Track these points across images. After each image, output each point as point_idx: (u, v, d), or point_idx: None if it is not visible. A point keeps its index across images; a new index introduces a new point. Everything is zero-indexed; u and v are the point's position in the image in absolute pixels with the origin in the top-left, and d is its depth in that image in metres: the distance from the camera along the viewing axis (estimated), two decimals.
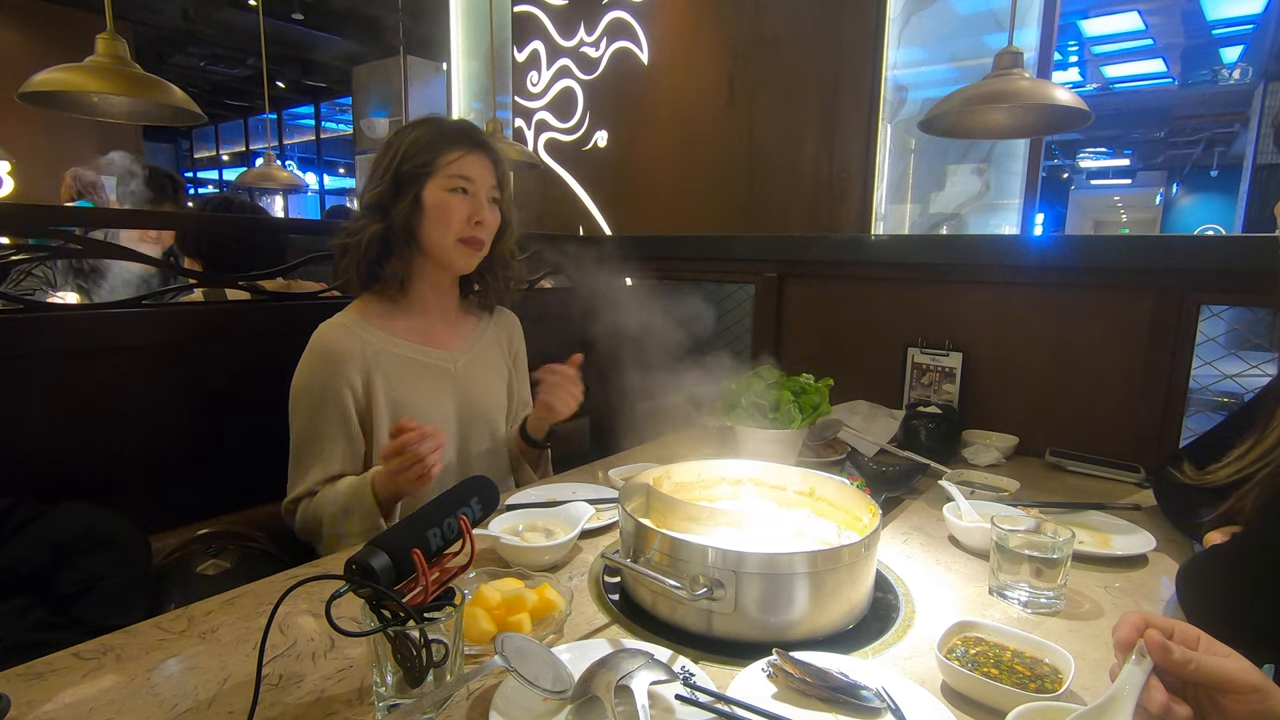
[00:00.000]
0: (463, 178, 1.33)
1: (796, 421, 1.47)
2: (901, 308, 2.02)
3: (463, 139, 1.34)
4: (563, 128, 3.29)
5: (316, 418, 1.29)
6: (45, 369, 1.29)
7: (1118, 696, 0.63)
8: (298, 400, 1.31)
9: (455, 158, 1.32)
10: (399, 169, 1.32)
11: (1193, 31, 7.41)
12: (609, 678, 0.69)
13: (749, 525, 1.01)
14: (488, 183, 1.36)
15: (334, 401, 1.29)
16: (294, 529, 1.32)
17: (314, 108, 10.54)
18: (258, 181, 4.16)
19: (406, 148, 1.32)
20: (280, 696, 0.74)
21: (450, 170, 1.32)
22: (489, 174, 1.37)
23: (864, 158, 2.48)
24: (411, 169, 1.31)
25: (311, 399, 1.29)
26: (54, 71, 1.58)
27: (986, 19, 2.64)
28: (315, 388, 1.29)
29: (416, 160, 1.31)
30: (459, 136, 1.34)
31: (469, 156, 1.34)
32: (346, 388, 1.30)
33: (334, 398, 1.29)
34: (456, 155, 1.32)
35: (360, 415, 1.32)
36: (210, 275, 1.95)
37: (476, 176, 1.34)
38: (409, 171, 1.31)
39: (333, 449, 1.30)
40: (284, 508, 1.32)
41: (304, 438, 1.30)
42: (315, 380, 1.29)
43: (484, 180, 1.36)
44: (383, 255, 1.34)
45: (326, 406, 1.29)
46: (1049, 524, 1.02)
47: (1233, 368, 1.68)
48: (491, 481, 0.86)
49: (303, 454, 1.30)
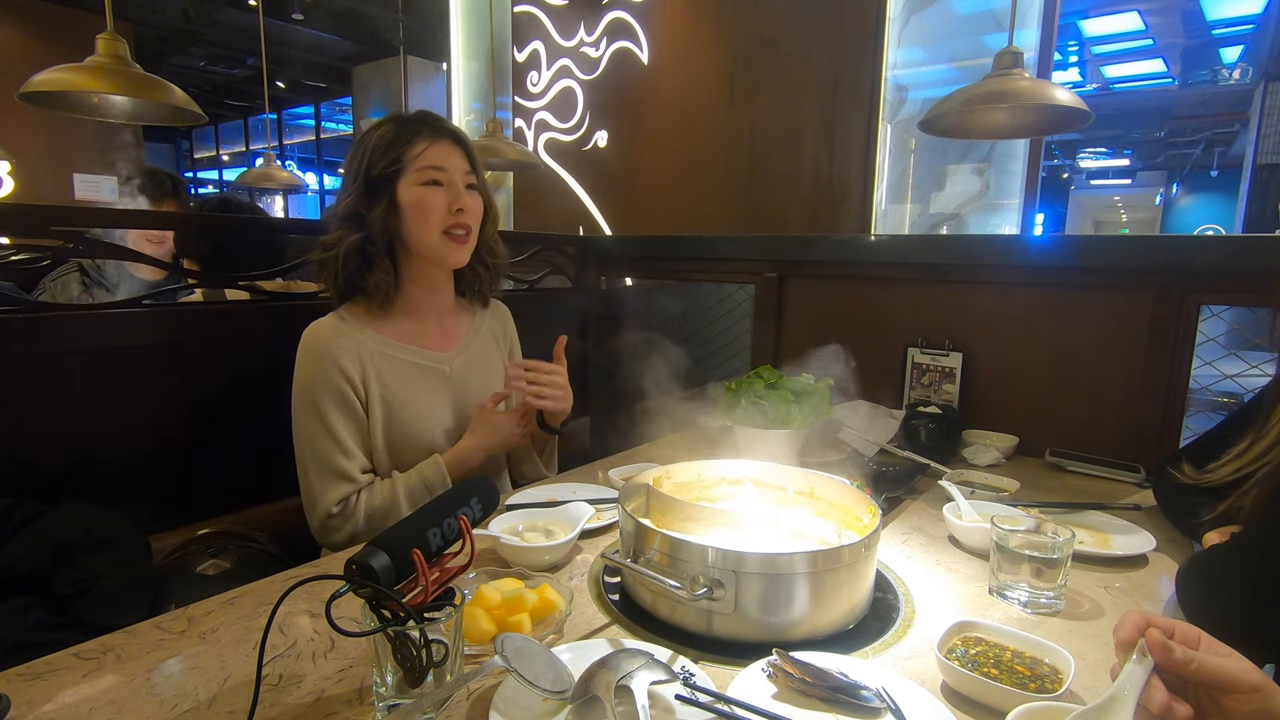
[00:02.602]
0: (434, 168, 1.29)
1: (796, 421, 1.47)
2: (901, 308, 2.02)
3: (425, 129, 1.31)
4: (563, 128, 3.30)
5: (326, 413, 1.26)
6: (45, 369, 1.29)
7: (1119, 696, 0.63)
8: (301, 402, 1.28)
9: (421, 149, 1.29)
10: (368, 174, 1.29)
11: (1193, 31, 7.41)
12: (609, 678, 0.69)
13: (749, 525, 1.01)
14: (460, 169, 1.33)
15: (336, 394, 1.26)
16: (335, 542, 1.26)
17: (314, 108, 10.54)
18: (258, 181, 4.16)
19: (371, 150, 1.29)
20: (280, 696, 0.74)
21: (419, 163, 1.29)
22: (460, 160, 1.33)
23: (864, 158, 2.48)
24: (380, 171, 1.28)
25: (315, 396, 1.26)
26: (54, 71, 1.58)
27: (986, 19, 2.65)
28: (315, 384, 1.26)
29: (384, 161, 1.28)
30: (421, 127, 1.30)
31: (435, 146, 1.30)
32: (344, 380, 1.27)
33: (335, 390, 1.26)
34: (422, 146, 1.29)
35: (363, 405, 1.30)
36: (210, 275, 1.95)
37: (447, 165, 1.31)
38: (378, 174, 1.28)
39: (349, 442, 1.27)
40: (321, 523, 1.25)
41: (318, 437, 1.26)
42: (314, 377, 1.27)
43: (456, 167, 1.32)
44: (362, 266, 1.31)
45: (329, 399, 1.26)
46: (1049, 524, 1.02)
47: (1233, 368, 1.68)
48: (491, 482, 0.87)
49: (321, 454, 1.26)
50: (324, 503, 1.25)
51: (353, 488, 1.27)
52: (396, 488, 1.29)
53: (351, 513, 1.26)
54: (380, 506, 1.27)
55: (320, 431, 1.26)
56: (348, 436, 1.28)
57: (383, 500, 1.28)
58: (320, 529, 1.27)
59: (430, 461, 1.33)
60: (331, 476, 1.26)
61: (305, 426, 1.27)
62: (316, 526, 1.28)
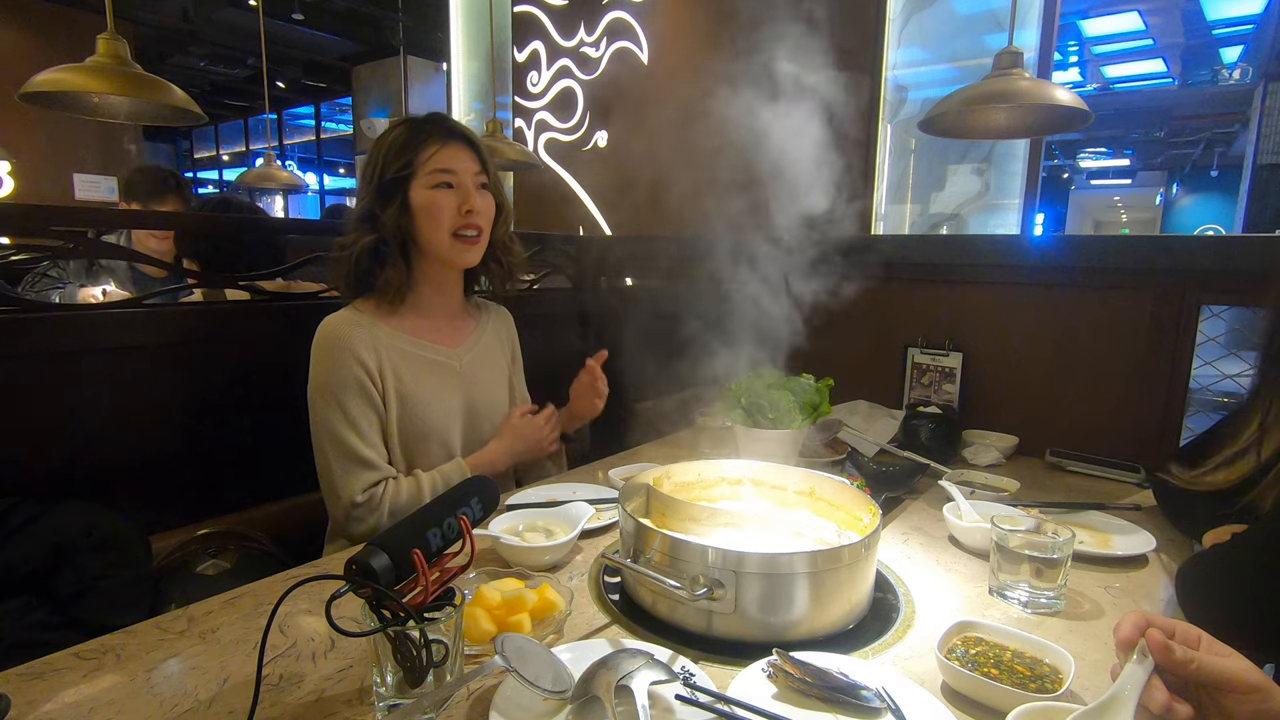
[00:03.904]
0: (444, 171, 1.32)
1: (796, 421, 1.47)
2: (901, 308, 2.02)
3: (436, 132, 1.33)
4: (563, 128, 3.29)
5: (346, 403, 1.26)
6: (45, 369, 1.29)
7: (1119, 695, 0.63)
8: (320, 394, 1.27)
9: (432, 152, 1.31)
10: (381, 177, 1.31)
11: (1193, 31, 7.41)
12: (609, 678, 0.69)
13: (749, 525, 1.01)
14: (471, 170, 1.35)
15: (355, 384, 1.27)
16: (358, 533, 1.26)
17: (314, 108, 10.54)
18: (258, 181, 4.16)
19: (385, 154, 1.32)
20: (280, 696, 0.74)
21: (430, 166, 1.31)
22: (470, 161, 1.35)
23: (864, 158, 2.48)
24: (393, 174, 1.31)
25: (334, 387, 1.26)
26: (55, 72, 1.58)
27: (986, 19, 2.65)
28: (334, 376, 1.27)
29: (396, 164, 1.30)
30: (432, 130, 1.33)
31: (446, 148, 1.32)
32: (362, 370, 1.28)
33: (354, 380, 1.27)
34: (433, 150, 1.31)
35: (380, 396, 1.30)
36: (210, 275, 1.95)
37: (458, 167, 1.33)
38: (391, 177, 1.31)
39: (370, 431, 1.28)
40: (345, 513, 1.25)
41: (339, 427, 1.26)
42: (333, 368, 1.27)
43: (466, 169, 1.34)
44: (374, 265, 1.33)
45: (349, 389, 1.27)
46: (1049, 524, 1.02)
47: (1233, 368, 1.68)
48: (491, 481, 0.86)
49: (344, 443, 1.26)
50: (348, 492, 1.25)
51: (377, 475, 1.27)
52: (421, 486, 1.30)
53: (377, 505, 1.26)
54: (406, 504, 1.27)
55: (341, 421, 1.26)
56: (369, 425, 1.28)
57: (408, 497, 1.28)
58: (345, 519, 1.27)
59: (454, 464, 1.36)
60: (355, 465, 1.26)
61: (325, 418, 1.27)
62: (340, 517, 1.28)
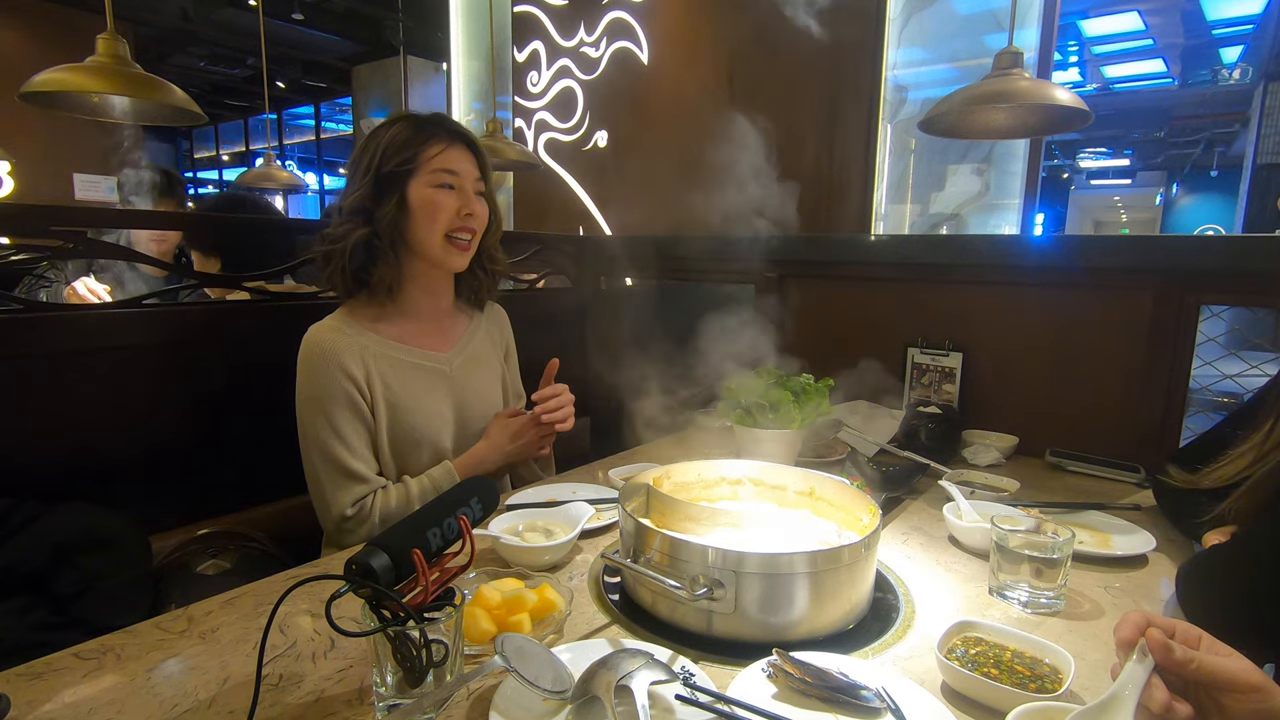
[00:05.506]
0: (448, 171, 1.30)
1: (796, 421, 1.47)
2: (901, 308, 2.02)
3: (442, 132, 1.31)
4: (563, 128, 3.29)
5: (334, 416, 1.25)
6: (45, 369, 1.29)
7: (1119, 695, 0.63)
8: (307, 407, 1.26)
9: (437, 151, 1.29)
10: (379, 170, 1.28)
11: (1193, 31, 7.41)
12: (609, 678, 0.69)
13: (749, 525, 1.01)
14: (472, 175, 1.34)
15: (343, 396, 1.26)
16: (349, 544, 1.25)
17: (314, 108, 10.54)
18: (258, 181, 4.16)
19: (385, 146, 1.28)
20: (280, 696, 0.74)
21: (434, 165, 1.29)
22: (472, 166, 1.34)
23: (864, 158, 2.48)
24: (393, 168, 1.28)
25: (321, 400, 1.25)
26: (55, 72, 1.58)
27: (986, 19, 2.65)
28: (321, 389, 1.25)
29: (398, 158, 1.28)
30: (437, 129, 1.31)
31: (451, 149, 1.31)
32: (349, 382, 1.26)
33: (341, 393, 1.26)
34: (438, 149, 1.30)
35: (369, 406, 1.29)
36: (209, 276, 1.95)
37: (461, 169, 1.32)
38: (391, 171, 1.28)
39: (359, 444, 1.27)
40: (336, 526, 1.25)
41: (328, 440, 1.25)
42: (319, 381, 1.26)
43: (468, 173, 1.33)
44: (368, 261, 1.31)
45: (336, 402, 1.25)
46: (1049, 524, 1.02)
47: (1233, 368, 1.68)
48: (491, 482, 0.87)
49: (332, 457, 1.24)
50: (338, 506, 1.24)
51: (367, 488, 1.27)
52: (410, 492, 1.29)
53: (366, 516, 1.25)
54: (395, 510, 1.27)
55: (330, 434, 1.25)
56: (356, 438, 1.27)
57: (398, 504, 1.28)
58: (336, 531, 1.26)
59: (442, 467, 1.34)
60: (344, 478, 1.25)
61: (313, 431, 1.26)
62: (331, 530, 1.27)
